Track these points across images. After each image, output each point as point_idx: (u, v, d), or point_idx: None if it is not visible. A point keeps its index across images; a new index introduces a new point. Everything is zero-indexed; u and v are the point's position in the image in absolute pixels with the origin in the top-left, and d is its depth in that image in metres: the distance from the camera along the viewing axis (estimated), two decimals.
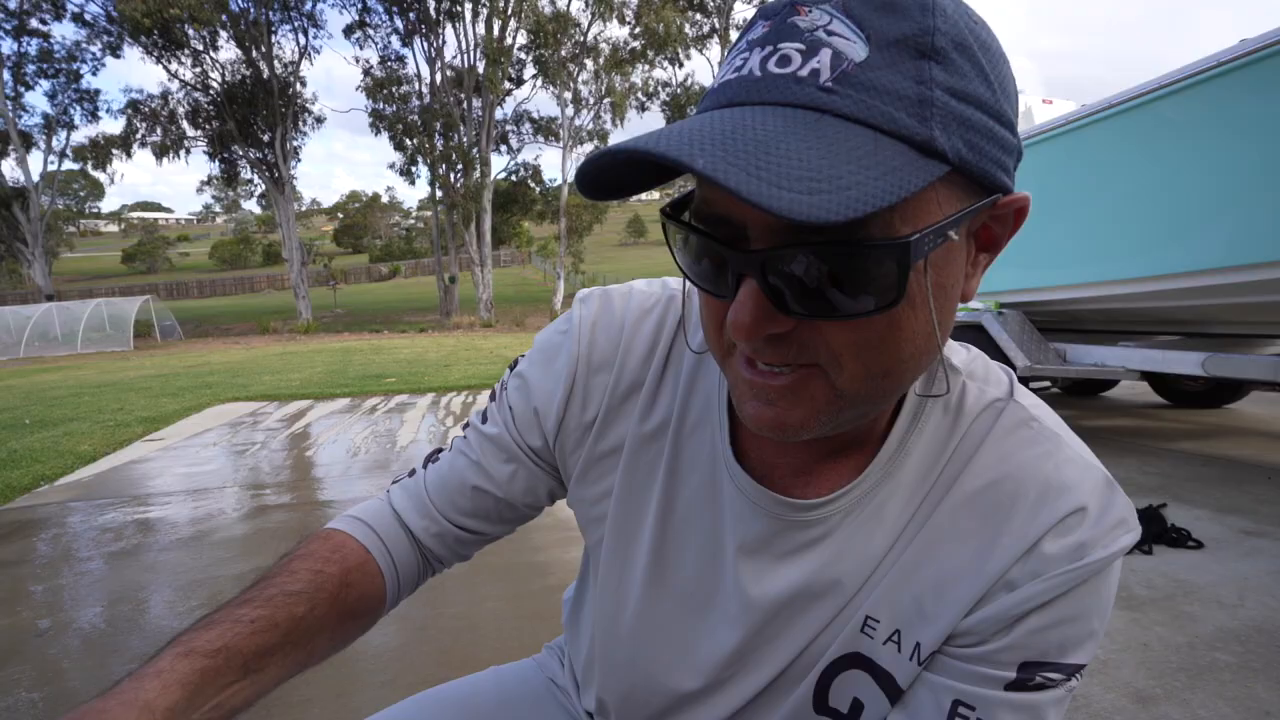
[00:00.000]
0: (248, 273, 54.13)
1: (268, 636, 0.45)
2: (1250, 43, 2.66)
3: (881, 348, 0.36)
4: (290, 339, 16.73)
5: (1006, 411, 0.46)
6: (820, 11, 0.34)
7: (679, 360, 0.52)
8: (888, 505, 0.46)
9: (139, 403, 6.69)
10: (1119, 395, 5.61)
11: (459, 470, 0.58)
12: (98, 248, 78.36)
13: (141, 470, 4.17)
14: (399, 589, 0.57)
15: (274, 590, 0.47)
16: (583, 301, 0.55)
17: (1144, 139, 3.16)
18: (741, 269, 0.35)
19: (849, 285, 0.34)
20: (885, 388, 0.38)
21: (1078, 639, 0.42)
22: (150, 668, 0.40)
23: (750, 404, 0.39)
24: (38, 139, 20.73)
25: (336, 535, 0.55)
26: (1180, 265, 3.10)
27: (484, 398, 7.33)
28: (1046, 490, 0.43)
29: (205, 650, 0.42)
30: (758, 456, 0.49)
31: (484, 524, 0.59)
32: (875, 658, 0.46)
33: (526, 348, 0.79)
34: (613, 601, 0.55)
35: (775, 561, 0.48)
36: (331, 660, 1.96)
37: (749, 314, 0.35)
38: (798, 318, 0.35)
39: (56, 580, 2.52)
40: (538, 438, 0.55)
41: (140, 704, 0.37)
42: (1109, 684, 1.66)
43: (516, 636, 2.00)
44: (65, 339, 16.09)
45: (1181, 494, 3.05)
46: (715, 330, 0.41)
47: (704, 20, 21.39)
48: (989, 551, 0.43)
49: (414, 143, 20.46)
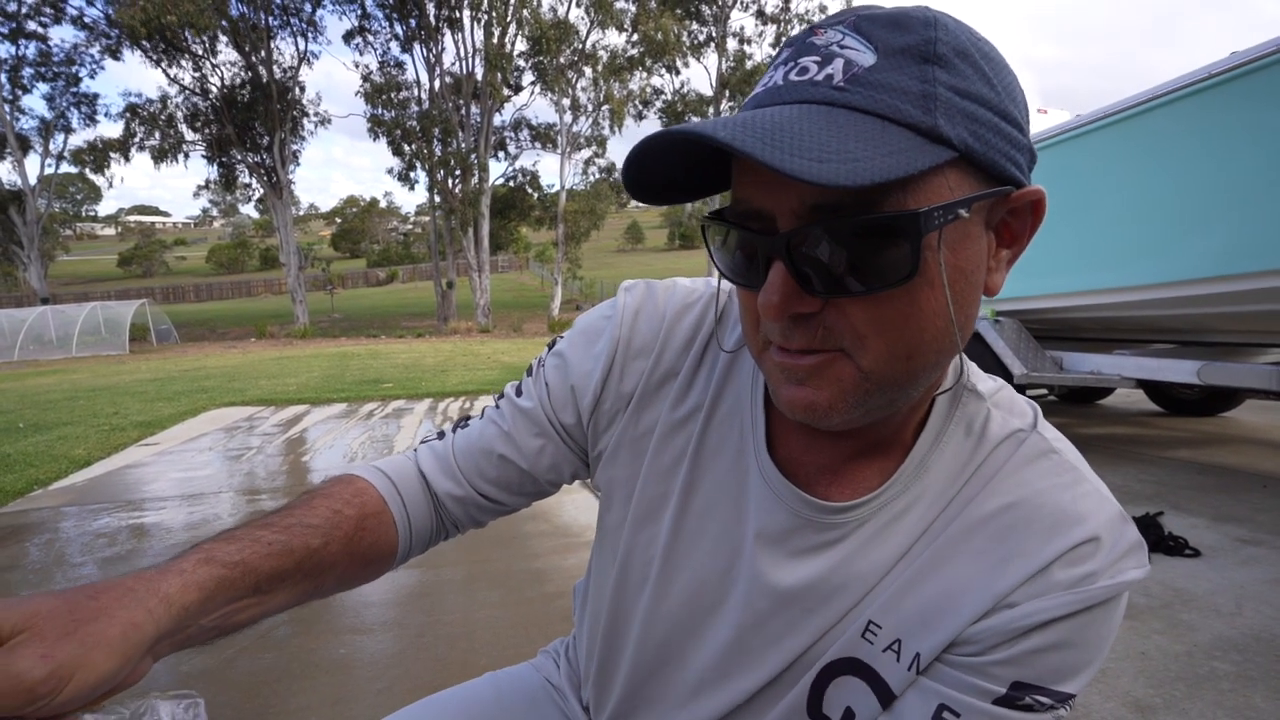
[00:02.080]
0: (245, 277, 54.02)
1: (282, 560, 0.46)
2: (1241, 55, 2.69)
3: (903, 326, 0.38)
4: (287, 343, 16.69)
5: (1029, 442, 0.47)
6: (834, 31, 0.38)
7: (715, 354, 0.54)
8: (904, 518, 0.47)
9: (134, 407, 6.65)
10: (1115, 403, 5.62)
11: (489, 438, 0.59)
12: (94, 251, 78.13)
13: (136, 475, 4.15)
14: (410, 545, 0.58)
15: (293, 520, 0.49)
16: (628, 290, 0.57)
17: (1138, 149, 3.19)
18: (770, 252, 0.38)
19: (867, 260, 0.37)
20: (910, 370, 0.40)
21: (1073, 667, 0.43)
22: (174, 565, 0.42)
23: (784, 388, 0.42)
24: (35, 142, 20.71)
25: (358, 481, 0.56)
26: (1175, 274, 3.12)
27: (481, 403, 7.31)
28: (1062, 518, 0.44)
29: (225, 561, 0.43)
30: (786, 454, 0.51)
31: (505, 494, 0.60)
32: (873, 664, 0.47)
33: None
34: (633, 578, 0.56)
35: (790, 556, 0.49)
36: (328, 668, 1.93)
37: (777, 293, 0.38)
38: (822, 297, 0.38)
39: (49, 586, 2.50)
40: (571, 415, 0.57)
41: (161, 594, 0.39)
42: (1108, 693, 1.66)
43: (514, 643, 1.99)
44: (60, 342, 16.02)
45: (1178, 502, 3.06)
46: (751, 325, 0.43)
47: (700, 29, 21.52)
48: (999, 571, 0.44)
49: (412, 148, 20.48)
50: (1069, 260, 3.58)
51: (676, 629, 0.55)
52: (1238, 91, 2.72)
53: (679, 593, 0.54)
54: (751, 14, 21.73)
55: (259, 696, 1.73)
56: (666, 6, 20.03)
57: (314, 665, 1.87)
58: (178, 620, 0.40)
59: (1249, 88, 2.67)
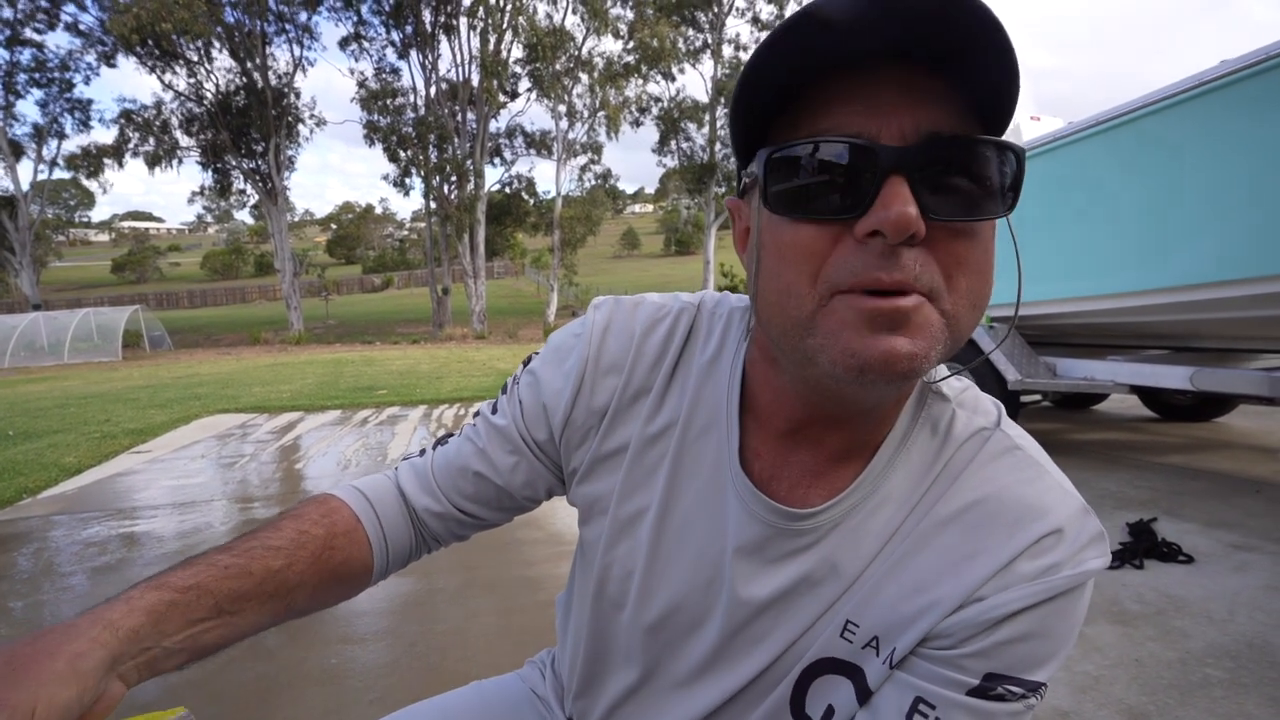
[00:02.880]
0: (239, 283, 53.83)
1: (241, 582, 0.47)
2: (1230, 63, 2.72)
3: (985, 270, 0.40)
4: (282, 350, 16.63)
5: (992, 439, 0.49)
6: None
7: (687, 368, 0.54)
8: (874, 518, 0.48)
9: (126, 414, 6.61)
10: (1110, 409, 5.65)
11: (465, 455, 0.60)
12: (87, 257, 77.76)
13: (127, 483, 4.12)
14: (388, 561, 0.59)
15: (254, 543, 0.50)
16: (596, 307, 0.58)
17: (1130, 156, 3.21)
18: (893, 166, 0.36)
19: (982, 185, 0.37)
20: (971, 323, 0.41)
21: (1042, 656, 0.44)
22: (123, 594, 0.44)
23: (867, 339, 0.38)
24: (28, 148, 20.61)
25: (331, 501, 0.58)
26: (1167, 280, 3.14)
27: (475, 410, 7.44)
28: (1025, 513, 0.45)
29: (176, 586, 0.45)
30: (763, 463, 0.51)
31: (483, 509, 0.61)
32: (852, 661, 0.48)
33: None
34: (611, 593, 0.57)
35: (766, 565, 0.50)
36: (319, 679, 1.91)
37: (909, 203, 0.36)
38: (938, 220, 0.37)
39: (38, 596, 2.48)
40: (544, 432, 0.57)
41: (105, 621, 0.41)
42: (1102, 700, 1.66)
43: (507, 651, 1.98)
44: (52, 349, 15.91)
45: (1172, 508, 3.07)
46: (809, 278, 0.39)
47: (697, 35, 21.65)
48: (967, 566, 0.45)
49: (408, 154, 20.48)
50: (1062, 266, 3.60)
51: (659, 645, 0.55)
52: (1227, 99, 2.75)
53: (661, 609, 0.54)
54: (747, 20, 21.91)
55: (249, 708, 1.71)
56: (663, 13, 20.15)
57: (305, 676, 1.86)
58: (127, 643, 0.41)
59: (1238, 95, 2.70)
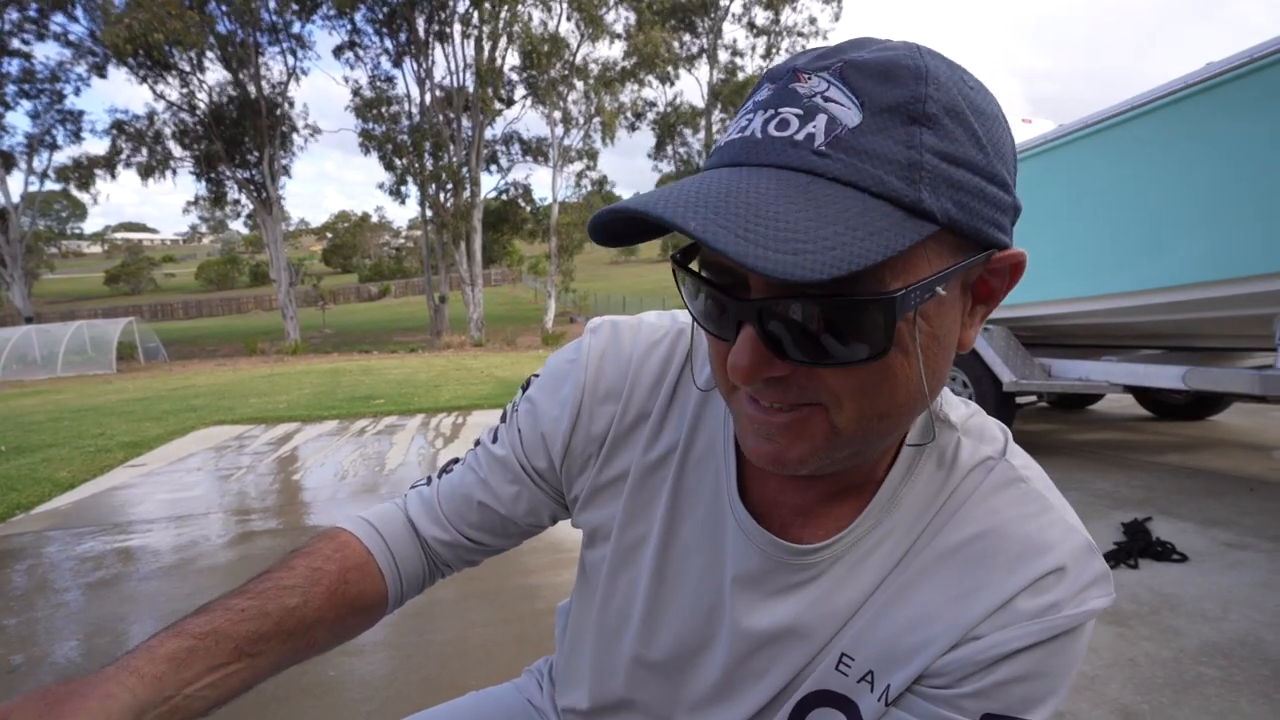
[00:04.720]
0: (235, 293, 53.75)
1: (259, 624, 0.48)
2: (1216, 65, 2.75)
3: (877, 392, 0.38)
4: (278, 360, 16.58)
5: (997, 470, 0.48)
6: (818, 79, 0.36)
7: (686, 392, 0.54)
8: (876, 552, 0.48)
9: (121, 427, 6.58)
10: (1105, 408, 5.68)
11: (467, 485, 0.60)
12: (80, 269, 77.51)
13: (122, 497, 4.10)
14: (402, 590, 0.60)
15: (268, 584, 0.51)
16: (593, 332, 0.57)
17: (1121, 157, 3.24)
18: (741, 316, 0.37)
19: (841, 335, 0.36)
20: (882, 429, 0.40)
21: (1040, 696, 0.43)
22: (142, 645, 0.44)
23: (752, 439, 0.41)
24: (19, 159, 20.57)
25: (342, 535, 0.58)
26: (1159, 280, 3.16)
27: (474, 419, 7.23)
28: (1027, 549, 0.44)
29: (194, 632, 0.45)
30: (760, 495, 0.51)
31: (490, 537, 0.61)
32: (847, 695, 0.48)
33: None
34: (613, 621, 0.57)
35: (766, 597, 0.50)
36: (318, 691, 1.90)
37: (747, 359, 0.37)
38: (794, 364, 0.37)
39: (31, 613, 2.46)
40: (543, 461, 0.57)
41: (131, 669, 0.42)
42: (1096, 700, 1.67)
43: (506, 662, 1.97)
44: (45, 362, 15.82)
45: (1166, 507, 3.08)
46: (720, 369, 0.42)
47: (693, 40, 21.76)
48: (966, 603, 0.44)
49: (404, 162, 20.51)
50: (1056, 267, 3.62)
51: (665, 673, 0.55)
52: (1214, 101, 2.78)
53: (665, 638, 0.54)
54: (743, 26, 22.02)
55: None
56: (660, 19, 20.25)
57: (303, 689, 1.85)
58: (154, 690, 0.42)
59: (1225, 97, 2.73)
